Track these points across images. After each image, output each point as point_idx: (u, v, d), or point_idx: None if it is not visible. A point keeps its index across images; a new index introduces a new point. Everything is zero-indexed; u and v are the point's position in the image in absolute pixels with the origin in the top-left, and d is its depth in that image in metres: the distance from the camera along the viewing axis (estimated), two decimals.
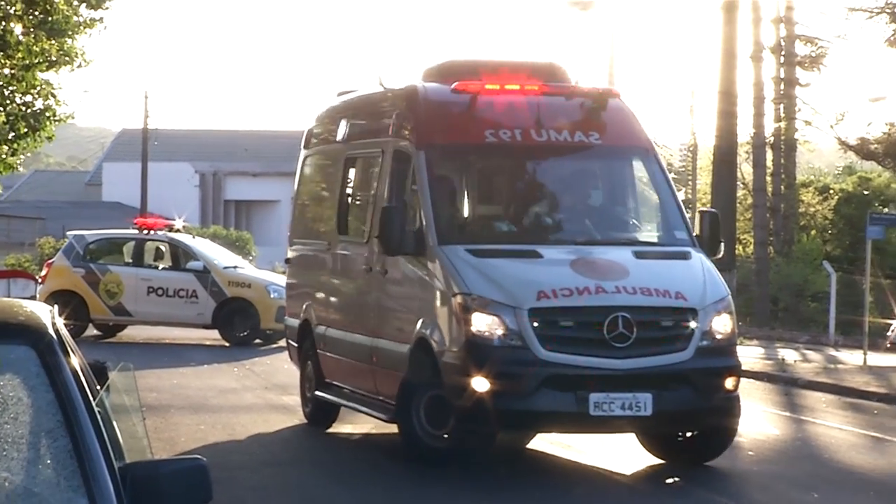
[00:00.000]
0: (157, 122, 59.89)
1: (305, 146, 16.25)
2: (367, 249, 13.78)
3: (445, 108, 13.27)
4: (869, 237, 25.75)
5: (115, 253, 28.07)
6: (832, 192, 48.34)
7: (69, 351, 4.29)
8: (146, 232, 27.43)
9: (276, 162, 65.83)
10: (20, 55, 24.96)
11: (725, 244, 15.59)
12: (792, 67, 42.86)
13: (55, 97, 26.27)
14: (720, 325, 12.13)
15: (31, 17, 25.16)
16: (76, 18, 26.02)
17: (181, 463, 4.03)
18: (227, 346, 25.83)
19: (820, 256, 40.18)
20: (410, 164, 13.05)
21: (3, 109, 25.45)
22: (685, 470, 12.50)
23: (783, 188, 45.52)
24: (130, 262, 27.26)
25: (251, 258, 42.82)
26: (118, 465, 3.98)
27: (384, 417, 13.23)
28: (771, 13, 41.61)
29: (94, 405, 4.08)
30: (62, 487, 3.83)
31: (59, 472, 3.86)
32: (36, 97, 26.17)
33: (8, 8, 24.83)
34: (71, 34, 25.91)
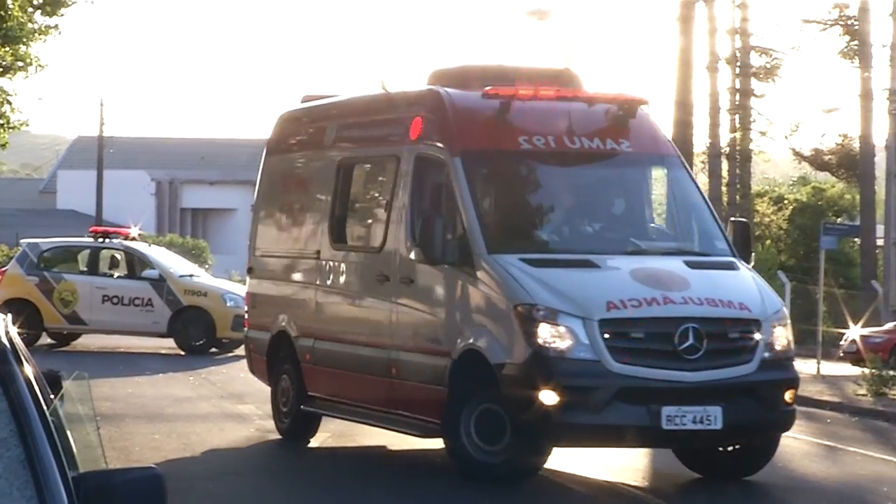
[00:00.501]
0: (112, 129, 59.70)
1: (270, 153, 15.55)
2: (381, 258, 13.14)
3: (475, 113, 12.84)
4: (822, 247, 25.97)
5: (69, 261, 27.92)
6: (787, 202, 48.69)
7: (22, 360, 4.26)
8: (101, 240, 27.31)
9: (233, 170, 65.66)
10: None
11: None
12: (747, 78, 43.13)
13: (10, 104, 26.13)
14: (780, 336, 11.96)
15: None
16: (31, 25, 25.89)
17: (135, 472, 4.00)
18: (182, 354, 25.71)
19: (774, 266, 40.44)
20: (442, 170, 12.52)
21: None
22: (640, 477, 12.54)
23: (738, 198, 45.79)
24: (85, 270, 27.13)
25: (207, 267, 42.69)
26: (72, 474, 3.96)
27: (415, 433, 12.72)
28: (727, 24, 41.87)
29: (47, 414, 4.06)
30: (15, 497, 3.80)
31: (11, 481, 3.84)
32: None
33: None
34: (26, 41, 25.78)
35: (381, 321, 13.12)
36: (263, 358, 15.06)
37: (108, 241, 27.34)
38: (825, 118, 61.37)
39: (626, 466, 13.00)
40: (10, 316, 4.95)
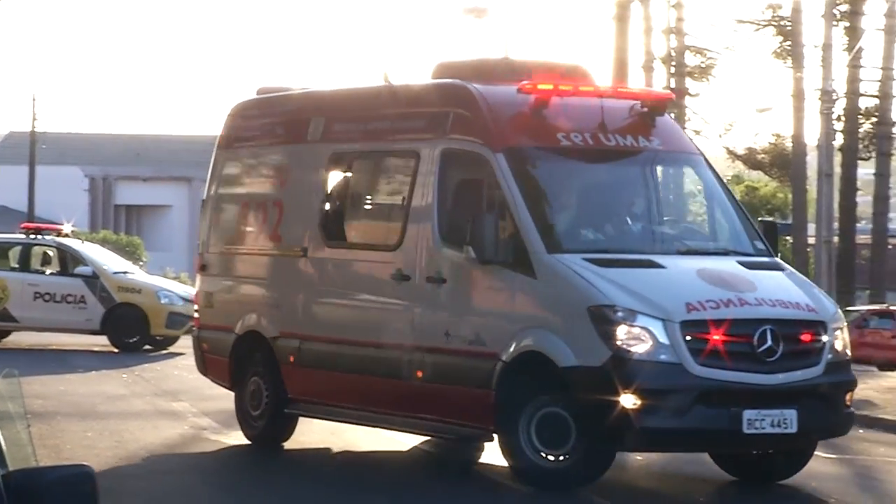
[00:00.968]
0: (45, 124, 59.27)
1: (226, 146, 14.92)
2: (398, 256, 12.59)
3: (509, 108, 12.38)
4: None
5: (0, 258, 27.62)
6: None
7: None
8: (33, 236, 27.05)
9: (167, 166, 65.27)
10: None
11: None
12: (682, 77, 43.42)
13: None
14: (842, 338, 11.90)
15: None
16: None
17: (66, 470, 3.96)
18: (115, 352, 25.51)
19: None
20: (476, 167, 12.12)
21: None
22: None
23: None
24: (17, 266, 26.86)
25: (141, 263, 42.40)
26: (0, 472, 3.91)
27: (447, 437, 12.39)
28: (662, 24, 42.16)
29: None
30: None
31: None
32: None
33: None
34: None
35: (397, 321, 12.58)
36: (225, 359, 14.36)
37: (40, 237, 27.10)
38: (758, 118, 61.96)
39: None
40: None
